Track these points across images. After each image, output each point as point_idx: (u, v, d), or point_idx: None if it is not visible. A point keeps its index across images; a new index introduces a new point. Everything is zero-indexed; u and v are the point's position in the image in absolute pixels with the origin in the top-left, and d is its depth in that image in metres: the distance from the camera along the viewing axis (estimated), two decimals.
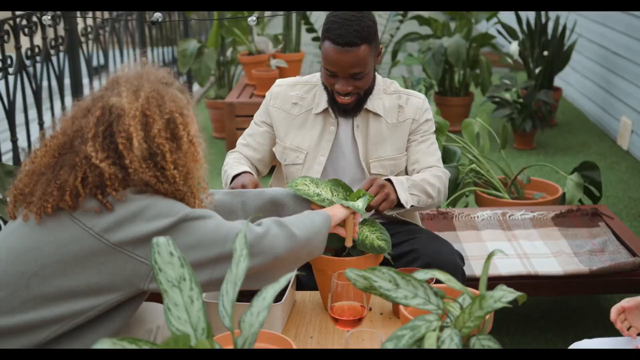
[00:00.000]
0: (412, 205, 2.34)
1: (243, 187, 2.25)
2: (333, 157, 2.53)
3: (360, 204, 2.04)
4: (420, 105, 2.52)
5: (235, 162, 2.49)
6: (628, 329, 1.96)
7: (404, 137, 2.52)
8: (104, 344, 1.22)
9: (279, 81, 2.62)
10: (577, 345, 2.02)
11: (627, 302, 1.96)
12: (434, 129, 2.56)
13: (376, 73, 2.54)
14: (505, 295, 1.50)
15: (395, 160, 2.51)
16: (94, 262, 1.68)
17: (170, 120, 1.77)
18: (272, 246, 1.79)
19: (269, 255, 1.79)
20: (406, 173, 2.56)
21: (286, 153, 2.54)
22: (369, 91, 2.46)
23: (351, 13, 2.33)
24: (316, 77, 2.57)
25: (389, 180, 2.33)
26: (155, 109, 1.75)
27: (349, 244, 2.04)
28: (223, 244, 1.74)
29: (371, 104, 2.48)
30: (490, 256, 1.54)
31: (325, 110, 2.50)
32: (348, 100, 2.41)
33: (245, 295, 2.08)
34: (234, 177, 2.37)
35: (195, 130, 1.83)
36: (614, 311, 1.97)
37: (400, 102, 2.52)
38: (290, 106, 2.54)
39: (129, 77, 1.80)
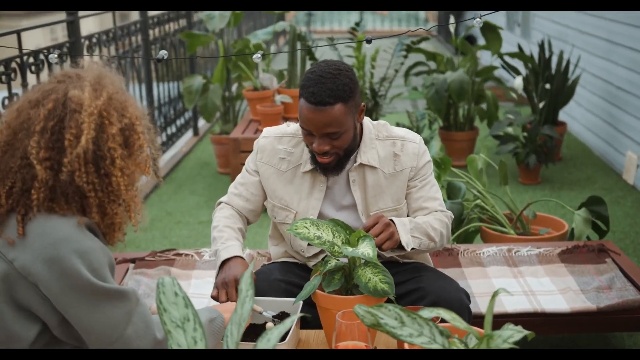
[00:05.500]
0: (412, 248, 2.32)
1: (236, 281, 2.21)
2: (327, 213, 2.44)
3: (369, 251, 2.00)
4: (416, 151, 2.43)
5: (224, 231, 2.40)
6: None
7: (403, 186, 2.44)
8: None
9: (266, 131, 2.51)
10: None
11: None
12: (432, 168, 2.49)
13: (366, 120, 2.45)
14: (513, 335, 1.49)
15: (397, 211, 2.44)
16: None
17: (129, 125, 1.71)
18: None
19: None
20: None
21: (275, 211, 2.47)
22: (350, 150, 2.36)
23: (328, 70, 2.25)
24: None
25: (391, 220, 2.31)
26: (114, 112, 1.69)
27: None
28: (109, 336, 1.67)
29: (365, 156, 2.40)
30: (495, 295, 1.53)
31: (315, 168, 2.41)
32: (327, 160, 2.32)
33: (249, 335, 2.06)
34: (224, 261, 2.30)
35: (147, 140, 1.79)
36: None
37: (396, 150, 2.43)
38: (278, 161, 2.45)
39: (91, 73, 1.73)
